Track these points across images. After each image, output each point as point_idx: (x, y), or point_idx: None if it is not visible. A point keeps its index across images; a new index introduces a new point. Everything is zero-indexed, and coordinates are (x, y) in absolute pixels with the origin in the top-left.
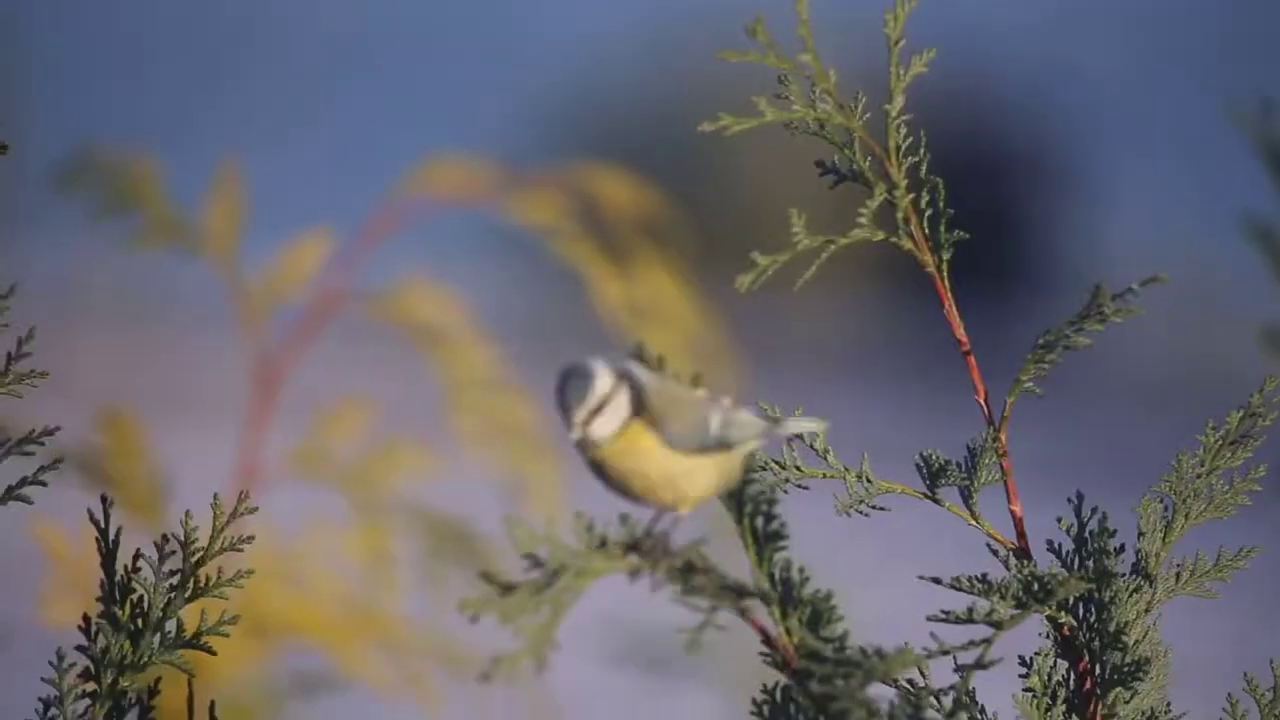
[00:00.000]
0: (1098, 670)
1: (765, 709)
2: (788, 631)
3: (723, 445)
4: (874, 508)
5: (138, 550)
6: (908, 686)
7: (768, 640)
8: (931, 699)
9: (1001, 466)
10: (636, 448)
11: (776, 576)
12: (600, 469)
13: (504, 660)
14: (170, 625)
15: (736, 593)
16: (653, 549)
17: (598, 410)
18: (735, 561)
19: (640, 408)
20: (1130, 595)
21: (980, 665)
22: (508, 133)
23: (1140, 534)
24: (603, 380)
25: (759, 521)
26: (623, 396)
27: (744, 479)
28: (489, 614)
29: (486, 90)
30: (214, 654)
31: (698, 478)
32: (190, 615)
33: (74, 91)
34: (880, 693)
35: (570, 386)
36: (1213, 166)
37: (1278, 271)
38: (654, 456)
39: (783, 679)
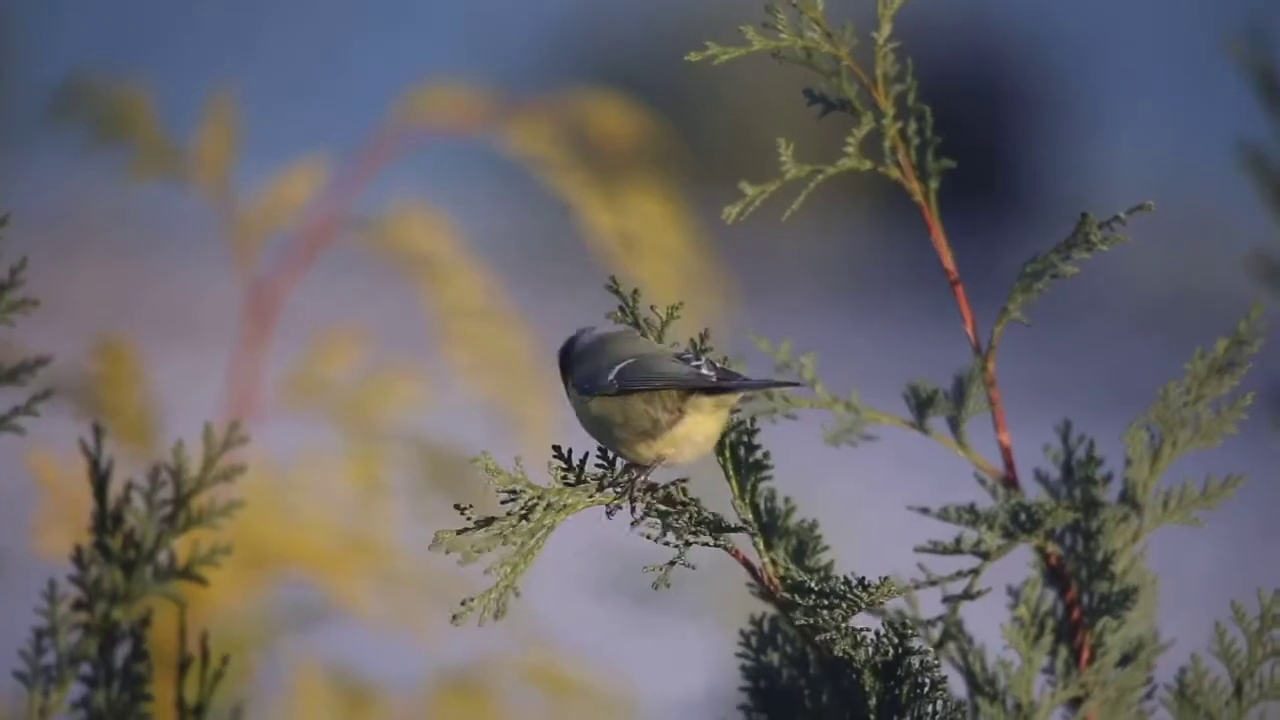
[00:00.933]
0: (1085, 599)
1: (753, 639)
2: (772, 563)
3: (620, 390)
4: (862, 437)
5: (129, 481)
6: (895, 617)
7: (752, 571)
8: (919, 629)
9: (989, 396)
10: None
11: (761, 507)
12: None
13: (472, 602)
14: (163, 556)
15: (715, 526)
16: (629, 484)
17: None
18: (722, 493)
19: (572, 367)
20: (1118, 524)
21: (968, 596)
22: (503, 58)
23: (1128, 463)
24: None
25: (740, 452)
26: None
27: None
28: (456, 549)
29: (482, 15)
30: (206, 585)
31: (613, 430)
32: (183, 546)
33: (65, 18)
34: (868, 623)
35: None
36: (1206, 94)
37: (1269, 197)
38: (571, 401)
39: (770, 610)
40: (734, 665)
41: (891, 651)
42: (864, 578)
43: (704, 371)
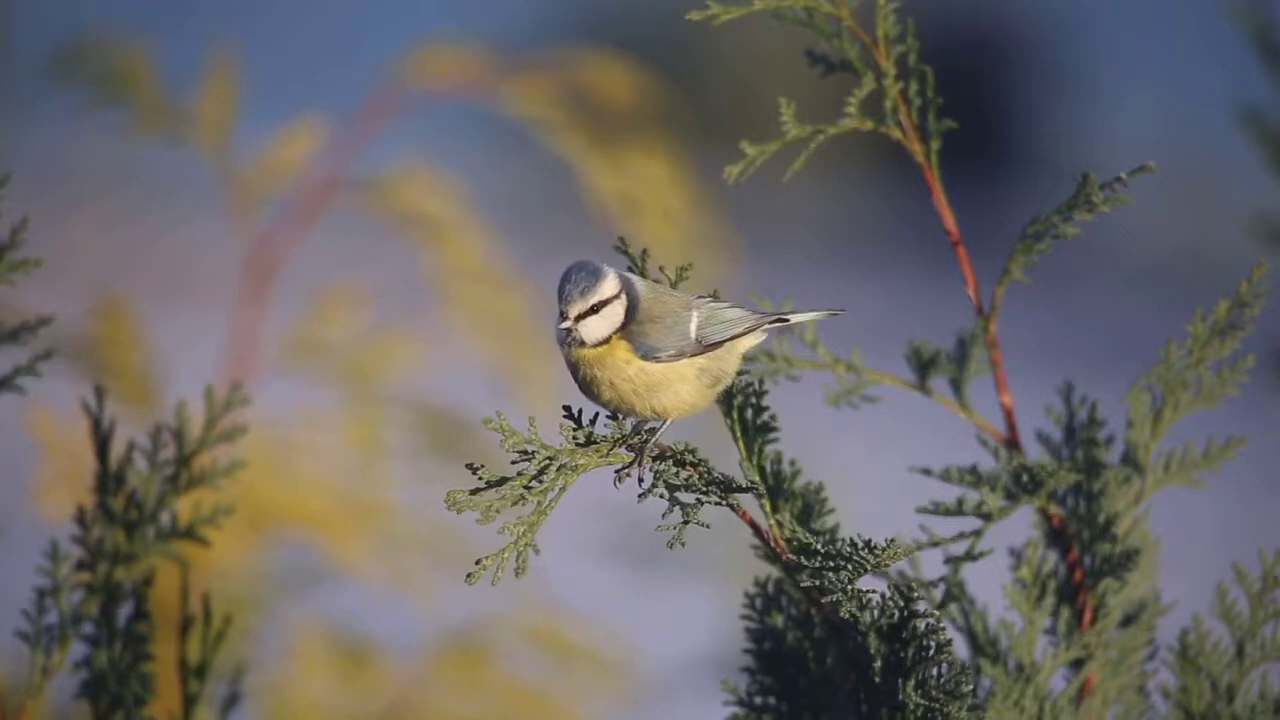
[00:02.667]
0: (1087, 561)
1: (757, 601)
2: (778, 524)
3: (705, 347)
4: (863, 398)
5: (131, 441)
6: (898, 579)
7: (758, 533)
8: (921, 591)
9: (991, 358)
10: (612, 359)
11: (768, 470)
12: (575, 369)
13: (486, 561)
14: (165, 516)
15: (724, 486)
16: (640, 447)
17: (593, 311)
18: (729, 455)
19: (629, 322)
20: (1120, 486)
21: (970, 557)
22: (503, 18)
23: (1129, 424)
24: (608, 284)
25: (748, 414)
26: (619, 307)
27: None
28: (471, 510)
29: None
30: (208, 545)
31: (676, 388)
32: (184, 506)
33: None
34: (872, 586)
35: (574, 279)
36: (1207, 55)
37: (1269, 157)
38: (627, 370)
39: (774, 572)
40: (737, 628)
41: (897, 614)
42: (870, 540)
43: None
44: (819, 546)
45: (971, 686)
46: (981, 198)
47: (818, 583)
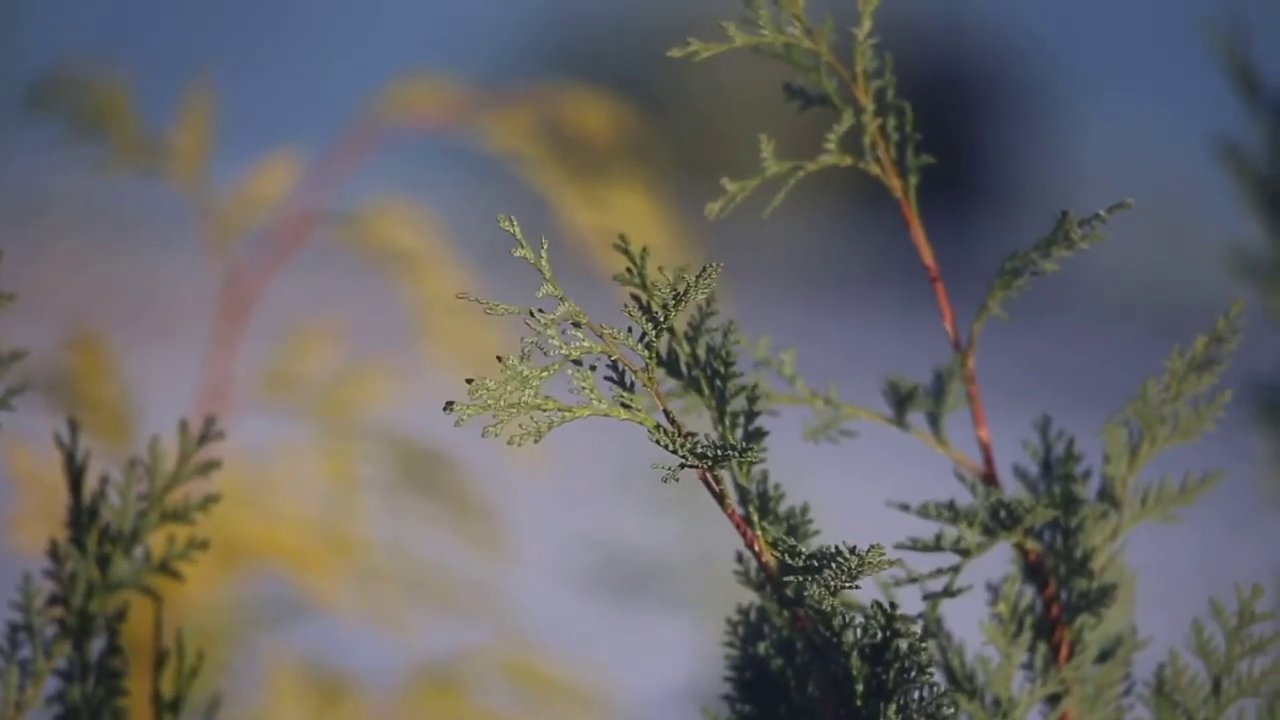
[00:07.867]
0: (1064, 596)
1: (739, 629)
2: (763, 530)
3: None
4: (841, 433)
5: (104, 475)
6: (877, 606)
7: (744, 535)
8: (903, 610)
9: (968, 392)
10: None
11: (752, 490)
12: None
13: (468, 409)
14: (139, 551)
15: (720, 449)
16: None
17: None
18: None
19: None
20: (1097, 521)
21: (948, 593)
22: (481, 52)
23: (1106, 459)
24: None
25: (741, 420)
26: None
27: (727, 371)
28: (478, 414)
29: (459, 9)
30: (182, 580)
31: None
32: (158, 541)
33: (42, 10)
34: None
35: None
36: (1182, 87)
37: (1245, 191)
38: None
39: (757, 600)
40: (715, 662)
41: (879, 634)
42: (854, 545)
43: None
44: (803, 549)
45: (953, 710)
46: (958, 229)
47: (804, 579)
